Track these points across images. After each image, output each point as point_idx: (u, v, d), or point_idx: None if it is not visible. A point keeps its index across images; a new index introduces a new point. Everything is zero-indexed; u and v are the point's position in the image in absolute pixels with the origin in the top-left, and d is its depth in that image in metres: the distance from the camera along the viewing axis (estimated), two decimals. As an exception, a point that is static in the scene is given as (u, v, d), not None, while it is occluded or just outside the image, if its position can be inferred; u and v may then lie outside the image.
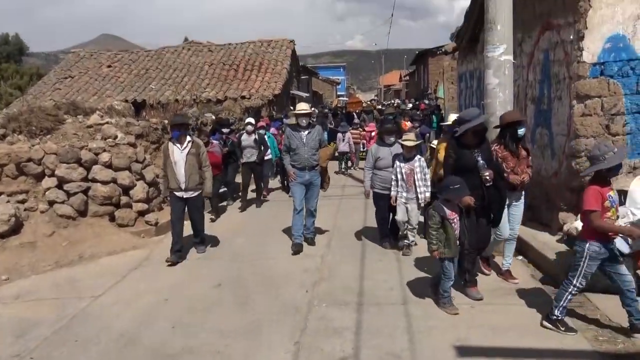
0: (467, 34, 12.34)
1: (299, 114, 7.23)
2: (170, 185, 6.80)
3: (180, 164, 6.70)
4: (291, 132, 7.15)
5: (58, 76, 22.02)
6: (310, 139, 7.08)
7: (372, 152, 7.09)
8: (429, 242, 4.86)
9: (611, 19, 5.94)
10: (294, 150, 7.05)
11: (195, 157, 6.77)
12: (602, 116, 6.08)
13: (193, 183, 6.77)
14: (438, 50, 28.44)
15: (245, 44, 23.74)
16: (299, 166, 7.05)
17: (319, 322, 4.77)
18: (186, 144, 6.76)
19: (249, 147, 10.16)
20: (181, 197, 6.82)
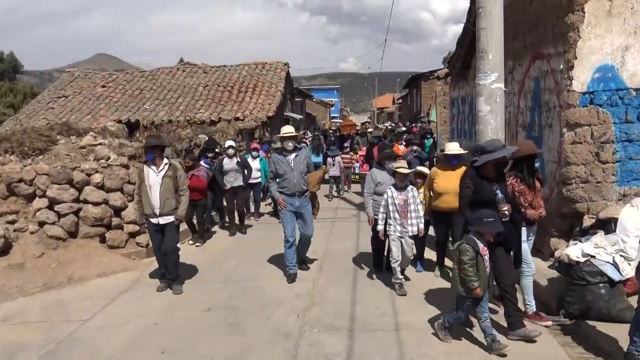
0: (460, 61, 12.54)
1: (284, 137, 6.84)
2: (145, 210, 6.39)
3: (155, 187, 6.31)
4: (277, 156, 6.80)
5: (52, 95, 22.01)
6: (298, 162, 6.74)
7: (372, 177, 6.77)
8: (465, 279, 4.47)
9: (600, 50, 6.07)
10: (282, 175, 6.69)
11: (172, 180, 6.37)
12: (592, 144, 6.16)
13: (168, 208, 6.36)
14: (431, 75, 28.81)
15: (240, 66, 23.91)
16: (288, 192, 6.70)
17: (310, 348, 4.73)
18: (162, 167, 6.39)
19: (232, 171, 9.82)
20: (157, 224, 6.42)
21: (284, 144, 6.83)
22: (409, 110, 43.12)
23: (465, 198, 5.00)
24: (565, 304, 5.14)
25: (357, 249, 8.27)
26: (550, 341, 4.72)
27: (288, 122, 26.49)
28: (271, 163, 6.90)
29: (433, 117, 24.35)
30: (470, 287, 4.44)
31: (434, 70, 29.76)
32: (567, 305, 5.13)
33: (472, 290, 4.44)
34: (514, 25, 7.92)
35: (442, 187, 6.38)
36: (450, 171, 6.35)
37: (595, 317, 4.94)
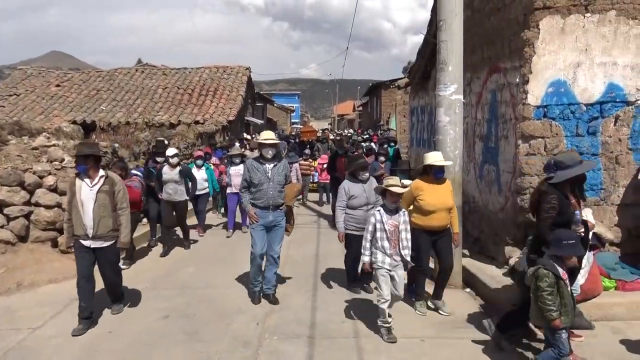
0: (420, 71, 12.80)
1: (264, 144, 6.08)
2: (76, 231, 5.36)
3: (88, 204, 5.33)
4: (253, 164, 6.08)
5: (2, 93, 21.16)
6: (276, 173, 6.06)
7: (344, 190, 6.32)
8: (543, 308, 3.99)
9: (554, 65, 6.31)
10: (256, 186, 5.99)
11: (109, 196, 5.41)
12: (545, 156, 6.38)
13: (104, 229, 5.38)
14: (391, 84, 29.27)
15: (200, 69, 23.67)
16: (262, 205, 6.01)
17: (269, 356, 4.70)
18: (97, 180, 5.41)
19: (172, 182, 8.55)
20: (88, 248, 5.37)
21: (262, 152, 6.10)
22: (369, 117, 43.64)
23: (549, 220, 4.45)
24: (519, 311, 5.28)
25: (317, 255, 8.29)
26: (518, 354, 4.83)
27: (249, 126, 26.30)
28: (245, 170, 6.18)
29: (393, 126, 24.67)
30: (549, 317, 3.96)
31: (395, 79, 30.29)
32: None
33: (550, 321, 3.97)
34: (472, 39, 8.14)
35: (432, 203, 5.68)
36: (435, 185, 5.78)
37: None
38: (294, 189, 6.73)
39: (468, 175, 8.60)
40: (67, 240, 5.55)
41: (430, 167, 5.75)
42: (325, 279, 7.04)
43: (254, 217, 6.03)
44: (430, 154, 5.89)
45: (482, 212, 8.14)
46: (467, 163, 8.53)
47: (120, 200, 5.54)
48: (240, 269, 7.33)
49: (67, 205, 5.49)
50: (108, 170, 5.87)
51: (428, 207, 5.69)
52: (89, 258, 5.41)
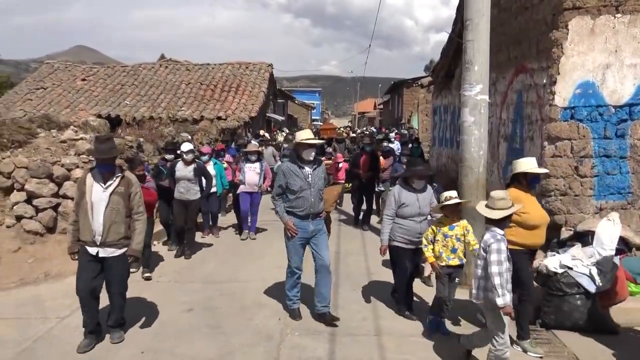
0: (443, 70, 12.73)
1: (303, 144, 5.31)
2: (82, 235, 4.75)
3: (99, 207, 4.69)
4: (290, 168, 5.31)
5: (30, 86, 21.62)
6: (317, 177, 5.35)
7: (394, 197, 5.53)
8: None
9: (582, 67, 6.24)
10: (295, 192, 5.26)
11: (124, 199, 4.79)
12: (572, 158, 6.33)
13: (115, 236, 4.74)
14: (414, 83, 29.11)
15: (223, 65, 23.84)
16: (302, 214, 5.30)
17: (291, 351, 4.75)
18: (113, 180, 4.78)
19: (185, 180, 7.99)
20: (94, 256, 4.74)
21: (302, 153, 5.31)
22: (390, 115, 43.46)
23: None
24: (542, 313, 5.26)
25: (338, 252, 8.31)
26: (526, 350, 4.81)
27: (270, 123, 26.40)
28: (280, 175, 5.38)
29: (414, 124, 24.55)
30: None
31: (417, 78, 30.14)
32: (543, 315, 5.25)
33: None
34: (498, 38, 8.08)
35: (536, 217, 4.78)
36: (530, 195, 4.90)
37: (571, 327, 5.07)
38: (334, 193, 6.09)
39: (491, 176, 8.55)
40: (70, 245, 4.86)
41: (525, 176, 4.84)
42: (346, 277, 7.06)
43: (293, 229, 5.31)
44: (522, 160, 4.98)
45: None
46: (491, 164, 8.48)
47: (137, 204, 4.90)
48: (260, 264, 7.42)
49: (75, 206, 4.85)
50: (124, 169, 5.22)
51: (533, 221, 4.73)
52: (93, 268, 4.77)
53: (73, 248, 4.83)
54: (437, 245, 5.05)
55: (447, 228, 5.02)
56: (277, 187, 5.43)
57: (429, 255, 5.07)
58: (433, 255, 5.06)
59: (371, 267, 7.47)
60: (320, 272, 5.48)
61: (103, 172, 4.76)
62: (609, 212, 6.00)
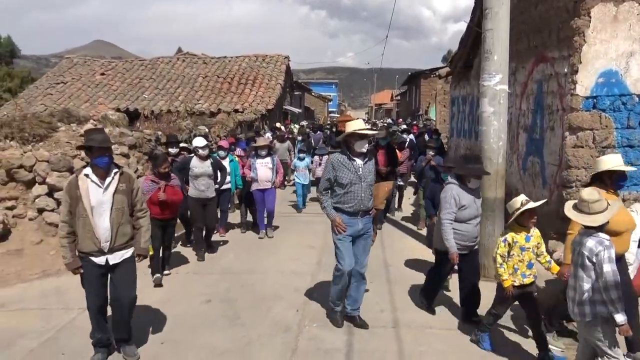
0: (462, 60, 12.57)
1: (355, 135, 4.85)
2: (83, 247, 4.21)
3: (101, 210, 4.17)
4: (340, 160, 4.90)
5: (50, 81, 21.92)
6: (368, 171, 4.98)
7: (454, 198, 4.95)
8: None
9: (605, 55, 6.11)
10: (345, 187, 4.87)
11: (127, 197, 4.33)
12: (594, 148, 6.22)
13: (123, 238, 4.31)
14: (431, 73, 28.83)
15: (240, 57, 23.89)
16: (351, 210, 4.91)
17: (309, 342, 4.77)
18: (112, 178, 4.27)
19: (205, 177, 7.52)
20: (102, 266, 4.26)
21: (355, 145, 4.88)
22: (408, 107, 43.18)
23: None
24: (563, 305, 5.18)
25: (355, 245, 8.30)
26: (547, 342, 4.75)
27: (287, 115, 26.39)
28: (329, 167, 4.96)
29: (432, 115, 24.34)
30: None
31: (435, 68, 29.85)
32: (564, 307, 5.16)
33: None
34: (518, 27, 7.95)
35: (623, 221, 4.14)
36: (613, 196, 4.24)
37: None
38: (385, 189, 5.59)
39: (511, 167, 8.44)
40: (71, 260, 4.24)
41: (610, 174, 4.25)
42: (363, 269, 7.04)
43: (342, 225, 4.91)
44: (607, 157, 4.41)
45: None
46: (510, 155, 8.37)
47: (140, 201, 4.48)
48: (278, 256, 7.45)
49: (65, 216, 4.21)
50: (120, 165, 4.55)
51: (619, 226, 4.06)
52: (104, 281, 4.35)
53: (76, 263, 4.26)
54: (511, 260, 4.35)
55: (524, 239, 4.33)
56: (324, 180, 4.99)
57: (505, 278, 4.31)
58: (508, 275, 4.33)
59: (388, 259, 7.45)
60: (355, 277, 5.07)
61: (99, 169, 4.19)
62: (632, 204, 5.89)
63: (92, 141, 4.19)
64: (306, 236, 8.87)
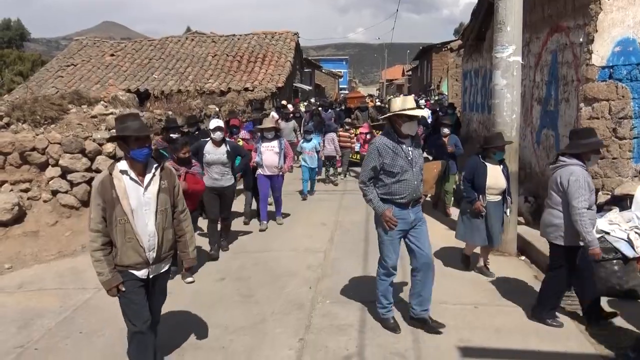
0: (474, 32, 12.34)
1: (403, 116, 4.23)
2: (123, 259, 3.49)
3: (142, 213, 3.50)
4: (388, 144, 4.26)
5: (60, 64, 21.93)
6: (418, 154, 4.43)
7: (588, 183, 4.28)
8: None
9: (622, 23, 5.93)
10: (395, 175, 4.25)
11: (170, 197, 3.68)
12: (610, 119, 6.09)
13: (167, 245, 3.68)
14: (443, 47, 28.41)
15: (249, 35, 23.68)
16: (402, 201, 4.30)
17: (322, 319, 4.79)
18: (152, 174, 3.58)
19: (218, 165, 6.66)
20: (144, 280, 3.62)
21: (403, 127, 4.24)
22: (419, 82, 42.69)
23: None
24: (578, 279, 5.13)
25: (367, 221, 8.28)
26: (561, 316, 4.72)
27: (297, 92, 26.21)
28: (374, 153, 4.29)
29: (444, 90, 24.04)
30: None
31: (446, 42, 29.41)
32: (579, 281, 5.12)
33: None
34: (532, -4, 7.74)
35: None
36: None
37: (608, 293, 4.95)
38: (434, 171, 4.95)
39: (524, 140, 8.32)
40: (110, 277, 3.48)
41: None
42: (375, 246, 6.96)
43: (393, 220, 4.27)
44: None
45: (538, 178, 7.89)
46: (524, 128, 8.24)
47: (182, 201, 3.82)
48: (291, 235, 7.48)
49: (98, 224, 3.44)
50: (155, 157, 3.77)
51: None
52: (144, 297, 3.66)
53: (116, 279, 3.50)
54: None
55: None
56: (368, 169, 4.31)
57: None
58: None
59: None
60: (422, 271, 4.43)
61: (138, 164, 3.50)
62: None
63: (127, 129, 3.45)
64: (318, 214, 8.88)
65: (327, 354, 4.15)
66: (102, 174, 3.54)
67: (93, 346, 4.38)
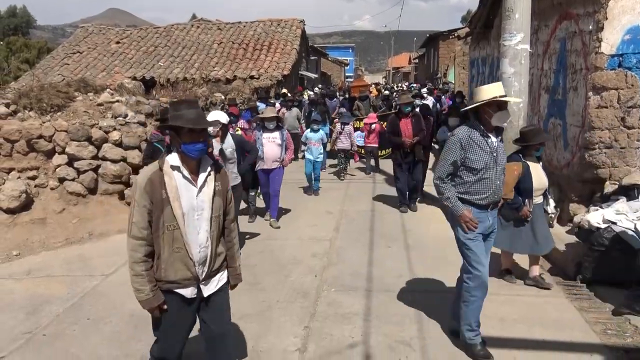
0: (481, 20, 12.21)
1: (493, 104, 3.73)
2: (169, 274, 2.93)
3: (193, 219, 2.93)
4: (472, 137, 3.78)
5: (67, 51, 21.94)
6: (502, 151, 3.96)
7: None
8: None
9: (632, 10, 5.85)
10: (477, 172, 3.78)
11: (223, 201, 3.10)
12: (618, 108, 6.03)
13: (220, 258, 3.11)
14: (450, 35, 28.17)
15: (255, 22, 23.59)
16: (483, 202, 3.84)
17: (328, 307, 4.81)
18: (207, 173, 3.01)
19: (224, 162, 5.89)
20: (193, 300, 3.03)
21: (493, 117, 3.75)
22: (426, 70, 42.41)
23: None
24: (583, 269, 5.14)
25: (372, 210, 8.29)
26: (566, 305, 4.74)
27: (303, 81, 26.08)
28: (456, 146, 3.79)
29: (451, 78, 23.88)
30: None
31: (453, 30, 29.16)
32: (584, 271, 5.12)
33: None
34: (541, -17, 7.64)
35: None
36: None
37: (613, 283, 4.94)
38: (514, 173, 4.66)
39: (531, 129, 8.25)
40: (149, 297, 2.89)
41: None
42: (380, 235, 7.05)
43: (474, 222, 3.77)
44: None
45: (545, 167, 7.83)
46: (531, 117, 8.17)
47: (232, 207, 3.24)
48: (297, 224, 7.50)
49: (142, 229, 2.88)
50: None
51: None
52: (189, 321, 3.11)
53: (157, 298, 2.93)
54: None
55: None
56: (447, 164, 3.83)
57: None
58: None
59: (406, 224, 7.44)
60: (481, 290, 3.87)
61: (192, 160, 2.93)
62: None
63: (181, 119, 2.86)
64: (323, 202, 8.89)
65: (332, 342, 4.17)
66: (148, 169, 2.94)
67: (100, 332, 4.42)
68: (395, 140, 8.03)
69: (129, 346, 4.17)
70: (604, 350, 3.99)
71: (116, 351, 4.10)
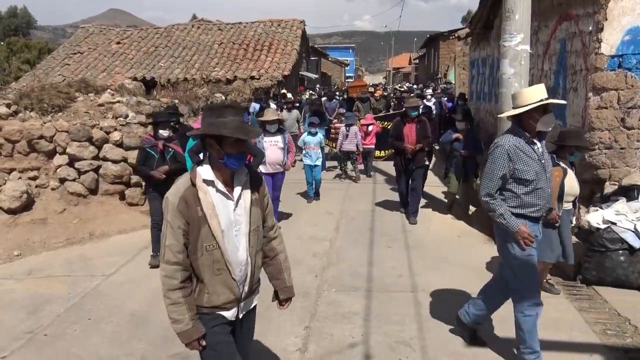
0: (481, 21, 12.24)
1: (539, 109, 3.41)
2: (214, 299, 2.63)
3: (232, 235, 2.61)
4: (519, 146, 3.46)
5: (67, 52, 21.93)
6: (548, 157, 3.69)
7: None
8: None
9: (632, 11, 5.88)
10: (528, 183, 3.49)
11: (262, 210, 2.79)
12: (618, 109, 6.05)
13: (258, 273, 2.84)
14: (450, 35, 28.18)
15: (255, 23, 23.59)
16: (536, 214, 3.58)
17: (328, 307, 4.82)
18: (243, 184, 2.67)
19: None
20: (233, 322, 2.76)
21: (539, 123, 3.45)
22: (426, 70, 42.45)
23: None
24: (583, 269, 5.15)
25: (372, 210, 8.31)
26: (566, 306, 4.75)
27: (303, 81, 26.10)
28: (503, 157, 3.46)
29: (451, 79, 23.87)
30: None
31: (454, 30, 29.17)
32: (584, 271, 5.14)
33: None
34: (541, -17, 7.66)
35: None
36: None
37: (613, 284, 4.96)
38: (557, 179, 4.33)
39: (531, 130, 8.26)
40: (189, 327, 2.58)
41: None
42: (380, 235, 7.06)
43: (531, 237, 3.47)
44: None
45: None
46: (531, 117, 8.18)
47: (271, 214, 2.93)
48: (297, 224, 7.49)
49: (177, 253, 2.57)
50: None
51: None
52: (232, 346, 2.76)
53: (198, 330, 2.61)
54: None
55: None
56: (496, 179, 3.49)
57: None
58: None
59: (407, 224, 7.46)
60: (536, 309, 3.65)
61: (228, 172, 2.61)
62: None
63: (224, 127, 2.51)
64: (324, 202, 8.91)
65: (333, 342, 4.19)
66: (179, 185, 2.58)
67: (101, 332, 4.43)
68: (397, 146, 7.68)
69: (130, 346, 4.18)
70: (604, 351, 4.00)
71: (117, 351, 4.12)
